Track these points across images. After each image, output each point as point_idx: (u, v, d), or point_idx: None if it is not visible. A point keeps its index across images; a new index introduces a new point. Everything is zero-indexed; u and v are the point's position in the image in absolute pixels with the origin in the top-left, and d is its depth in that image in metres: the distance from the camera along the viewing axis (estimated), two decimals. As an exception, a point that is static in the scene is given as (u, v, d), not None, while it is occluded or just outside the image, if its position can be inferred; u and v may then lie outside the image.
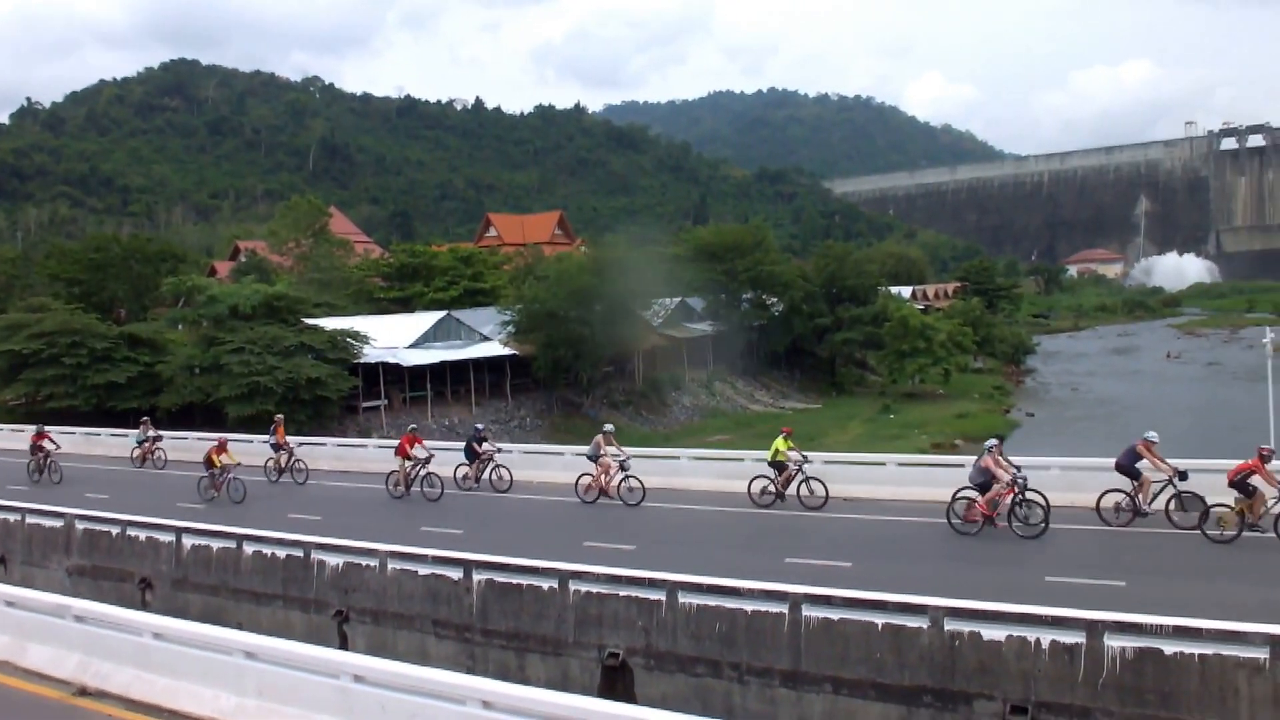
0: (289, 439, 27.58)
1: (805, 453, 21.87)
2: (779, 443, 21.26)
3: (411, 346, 48.06)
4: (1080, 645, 11.74)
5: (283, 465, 26.78)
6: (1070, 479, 20.40)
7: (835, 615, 13.09)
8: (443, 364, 48.10)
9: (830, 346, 66.35)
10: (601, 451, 22.59)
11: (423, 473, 23.82)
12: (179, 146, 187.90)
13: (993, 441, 18.84)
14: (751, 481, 21.68)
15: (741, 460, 24.78)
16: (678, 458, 25.60)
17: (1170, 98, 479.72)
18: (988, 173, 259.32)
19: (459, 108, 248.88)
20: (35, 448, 28.46)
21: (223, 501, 23.98)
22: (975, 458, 18.96)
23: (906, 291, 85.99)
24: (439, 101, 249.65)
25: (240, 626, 15.84)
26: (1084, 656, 11.71)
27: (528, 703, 9.09)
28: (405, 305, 60.87)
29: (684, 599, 14.09)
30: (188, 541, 19.72)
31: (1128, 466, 18.05)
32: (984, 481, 18.17)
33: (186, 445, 31.51)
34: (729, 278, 64.51)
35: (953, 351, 63.21)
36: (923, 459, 25.17)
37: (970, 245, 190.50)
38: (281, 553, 18.39)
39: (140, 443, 30.89)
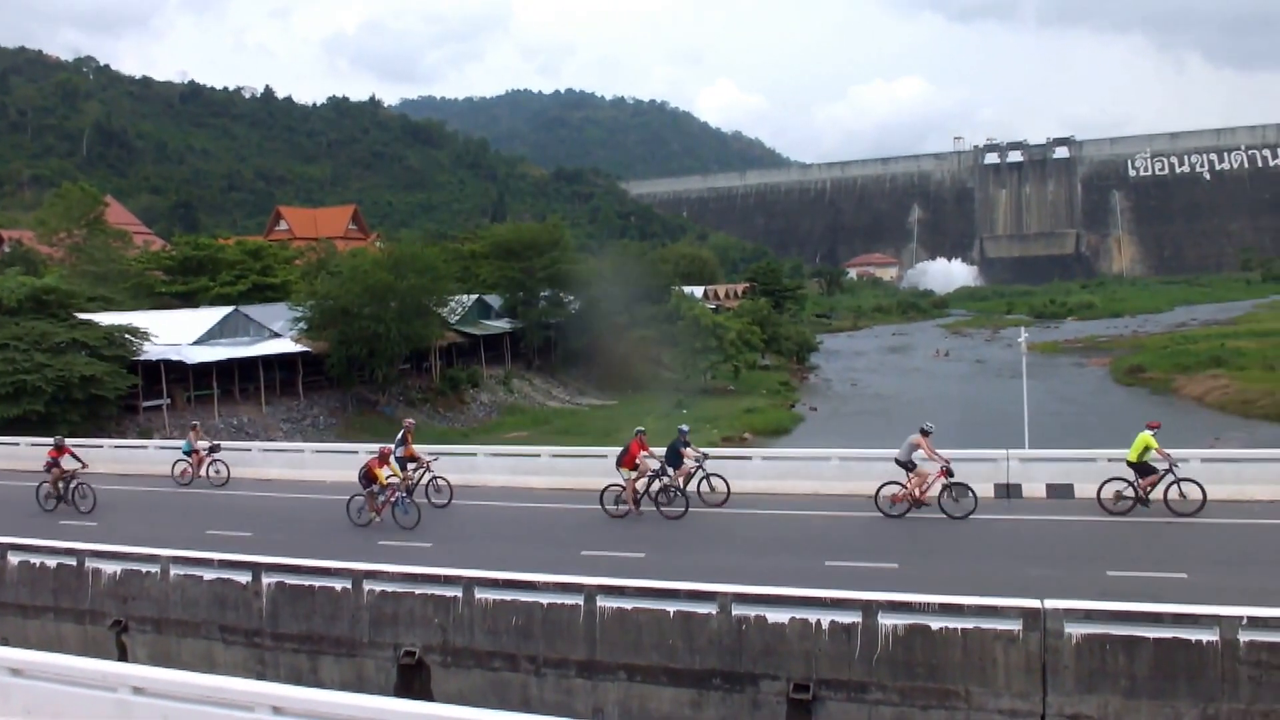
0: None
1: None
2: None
3: (196, 343, 45.54)
4: (857, 624, 12.53)
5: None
6: (847, 469, 21.87)
7: (629, 605, 13.46)
8: (230, 361, 45.83)
9: (626, 344, 67.65)
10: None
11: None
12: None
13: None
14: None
15: (538, 456, 25.08)
16: (475, 454, 25.58)
17: (941, 113, 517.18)
18: (775, 179, 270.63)
19: (247, 96, 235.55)
20: (53, 466, 22.89)
21: (386, 527, 19.77)
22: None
23: (699, 291, 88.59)
24: (226, 89, 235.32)
25: (5, 642, 14.65)
26: (860, 635, 12.50)
27: (320, 705, 8.93)
28: (189, 300, 57.60)
29: (481, 595, 14.17)
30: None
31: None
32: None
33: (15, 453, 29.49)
34: (527, 275, 64.59)
35: (742, 349, 65.84)
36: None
37: (759, 247, 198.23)
38: (52, 561, 17.12)
39: (188, 453, 25.81)
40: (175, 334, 45.48)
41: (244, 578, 15.58)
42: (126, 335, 42.39)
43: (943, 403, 58.46)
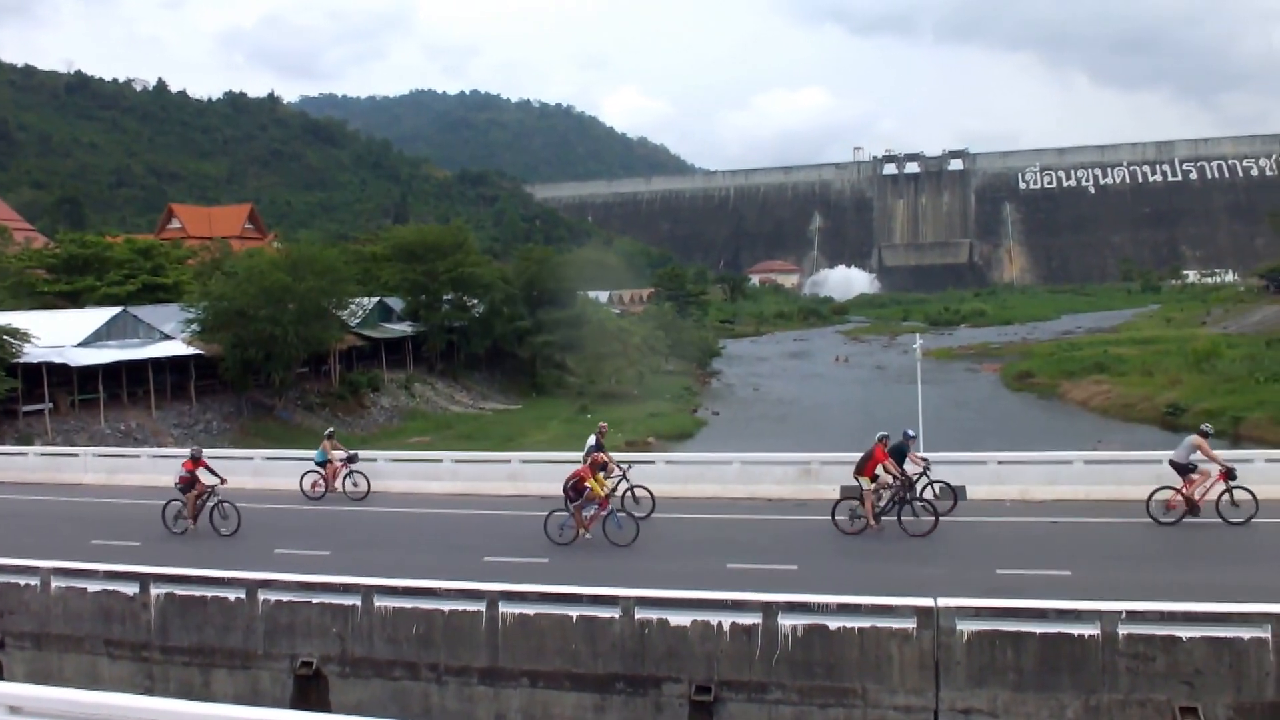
0: None
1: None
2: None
3: (81, 345, 43.50)
4: (758, 626, 12.73)
5: None
6: (749, 472, 22.17)
7: (531, 610, 13.43)
8: (118, 364, 43.92)
9: (530, 348, 67.28)
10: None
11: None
12: None
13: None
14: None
15: (440, 461, 24.78)
16: (375, 460, 25.11)
17: (842, 124, 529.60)
18: (680, 185, 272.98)
19: (138, 88, 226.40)
20: (190, 482, 19.91)
21: (596, 544, 17.84)
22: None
23: (604, 296, 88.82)
24: (115, 80, 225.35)
25: None
26: (761, 636, 12.70)
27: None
28: (74, 300, 55.01)
29: (380, 602, 13.92)
30: None
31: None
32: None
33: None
34: (430, 278, 63.71)
35: (646, 354, 66.23)
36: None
37: (663, 253, 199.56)
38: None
39: (321, 464, 23.14)
40: (59, 335, 43.38)
41: (131, 589, 14.98)
42: (5, 336, 40.33)
43: (843, 408, 59.80)
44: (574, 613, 13.30)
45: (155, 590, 14.85)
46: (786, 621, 12.69)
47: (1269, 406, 45.95)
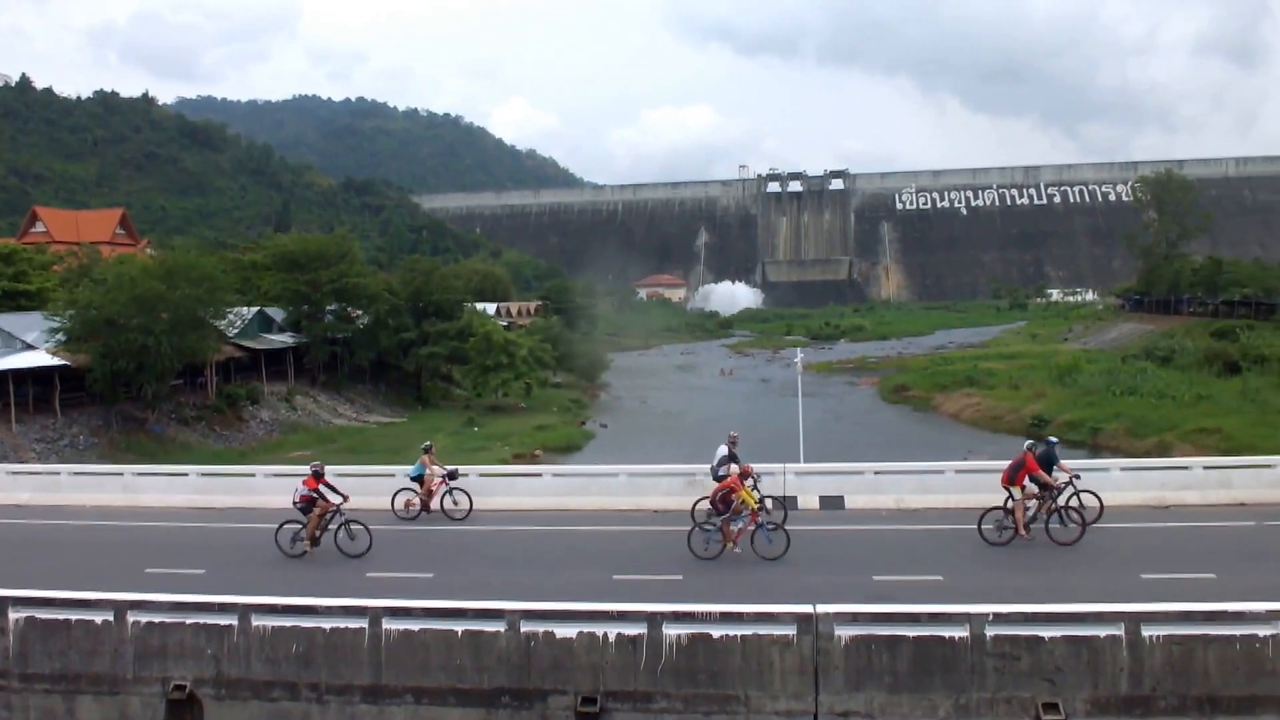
0: None
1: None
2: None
3: (-70, 354, 40.94)
4: (643, 636, 12.88)
5: None
6: (635, 484, 22.38)
7: (416, 626, 13.27)
8: (-29, 375, 41.47)
9: (416, 360, 66.20)
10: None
11: None
12: None
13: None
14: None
15: (539, 476, 24.40)
16: (253, 475, 24.37)
17: (728, 141, 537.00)
18: (569, 198, 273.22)
19: (0, 84, 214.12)
20: (313, 500, 18.54)
21: (742, 560, 17.24)
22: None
23: (491, 308, 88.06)
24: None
25: None
26: (646, 646, 12.86)
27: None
28: (-75, 307, 51.79)
29: (258, 621, 13.54)
30: None
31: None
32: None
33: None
34: (312, 288, 62.09)
35: (534, 366, 65.92)
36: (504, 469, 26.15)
37: (552, 266, 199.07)
38: None
39: (417, 479, 21.62)
40: (-96, 345, 40.72)
41: (-15, 614, 14.16)
42: None
43: (728, 420, 60.55)
44: (459, 627, 13.21)
45: (14, 614, 14.07)
46: (671, 631, 12.88)
47: (1124, 418, 48.71)
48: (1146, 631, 12.47)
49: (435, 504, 21.35)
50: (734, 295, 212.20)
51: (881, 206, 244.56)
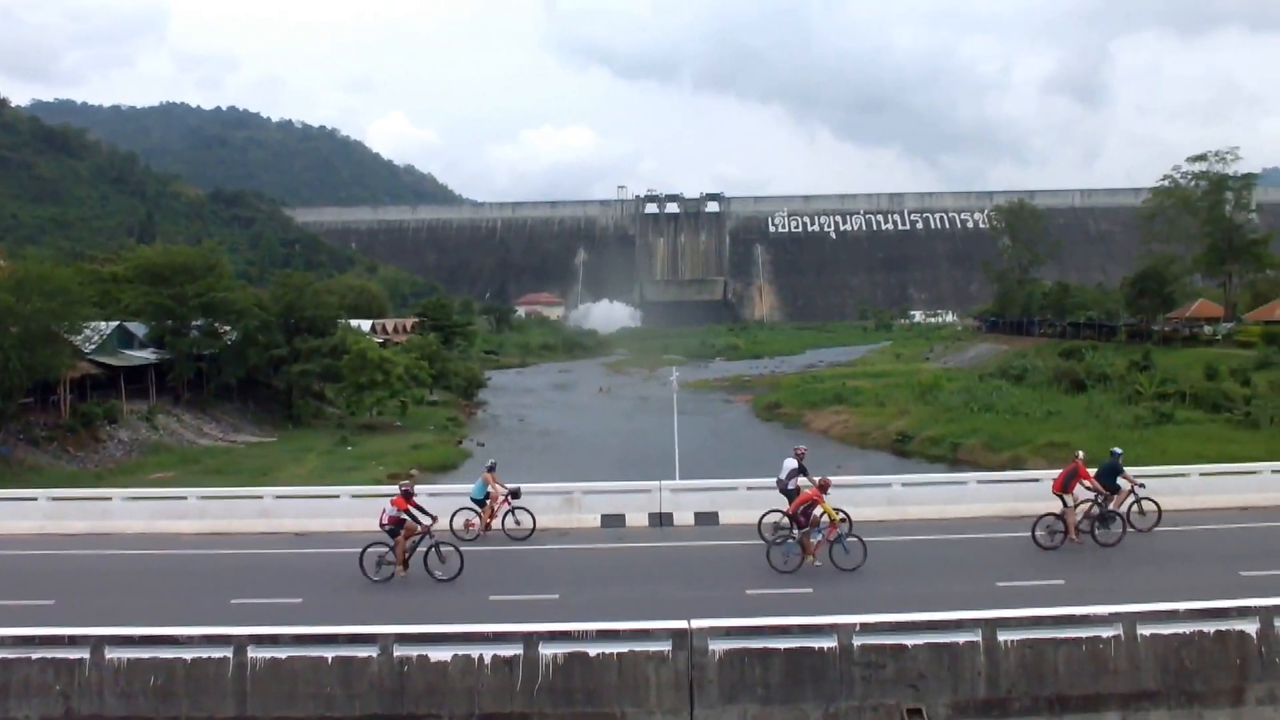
0: None
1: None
2: None
3: None
4: (519, 656, 12.81)
5: None
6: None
7: (283, 654, 12.86)
8: None
9: (287, 378, 64.14)
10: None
11: None
12: None
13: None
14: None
15: (185, 499, 23.21)
16: (110, 499, 23.16)
17: (607, 162, 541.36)
18: (447, 215, 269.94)
19: None
20: (400, 522, 17.48)
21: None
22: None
23: (366, 325, 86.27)
24: None
25: None
26: (522, 666, 12.79)
27: None
28: None
29: (112, 654, 12.87)
30: None
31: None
32: None
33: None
34: (177, 303, 59.50)
35: (410, 384, 64.75)
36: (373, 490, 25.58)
37: (429, 283, 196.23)
38: None
39: (479, 500, 20.62)
40: None
41: None
42: None
43: (606, 438, 60.91)
44: (329, 654, 12.88)
45: None
46: (547, 651, 12.86)
47: (982, 433, 51.07)
48: (1002, 636, 13.11)
49: (496, 524, 20.85)
50: (612, 314, 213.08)
51: (755, 229, 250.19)
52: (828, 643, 12.95)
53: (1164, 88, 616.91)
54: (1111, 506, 19.42)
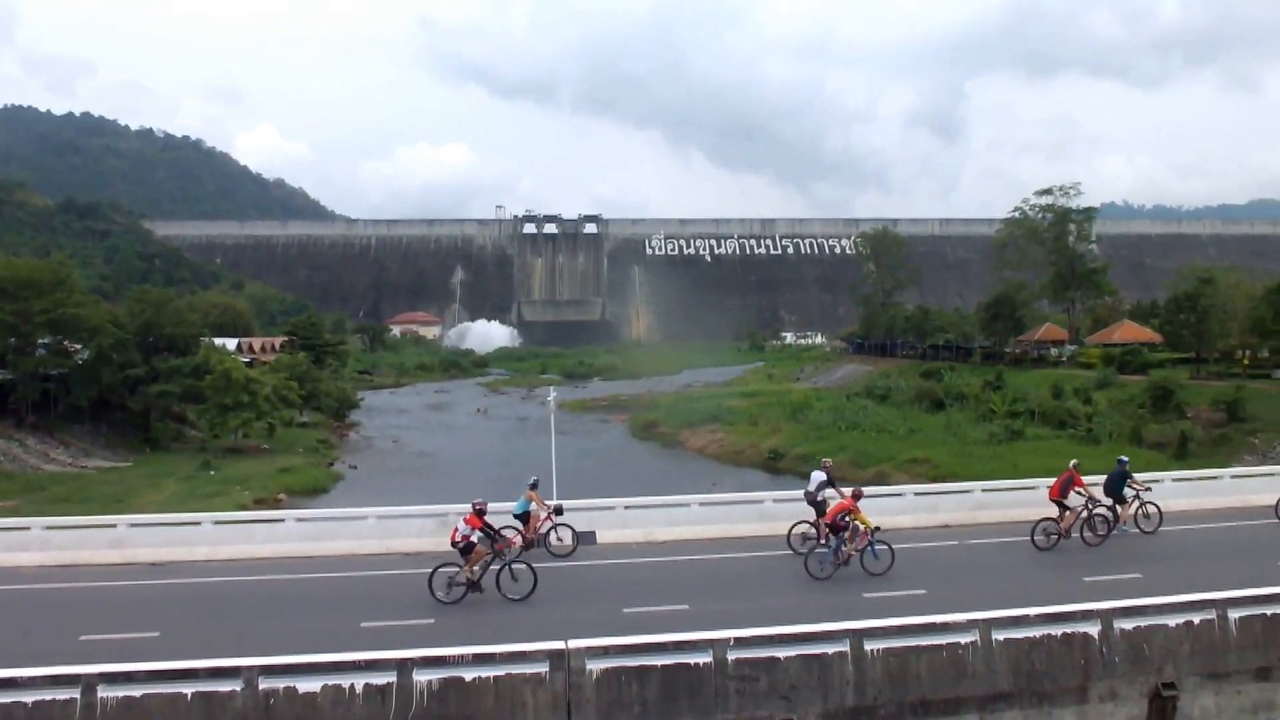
0: None
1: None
2: None
3: None
4: (392, 684, 12.53)
5: None
6: (386, 527, 21.77)
7: (138, 692, 12.22)
8: None
9: (145, 399, 61.10)
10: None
11: None
12: None
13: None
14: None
15: (28, 530, 21.84)
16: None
17: (484, 181, 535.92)
18: (319, 231, 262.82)
19: None
20: (473, 542, 17.23)
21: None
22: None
23: (232, 343, 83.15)
24: None
25: None
26: (395, 695, 12.52)
27: None
28: None
29: (-58, 699, 12.03)
30: None
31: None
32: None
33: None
34: (21, 319, 56.02)
35: (278, 405, 62.63)
36: (241, 516, 24.64)
37: (300, 300, 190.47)
38: None
39: (521, 517, 20.47)
40: None
41: None
42: None
43: (483, 459, 60.28)
44: (189, 689, 12.32)
45: None
46: (421, 677, 12.64)
47: (849, 450, 52.77)
48: (868, 645, 13.59)
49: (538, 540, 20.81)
50: (490, 334, 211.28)
51: (633, 251, 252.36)
52: (703, 658, 13.14)
53: (1015, 125, 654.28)
54: (1120, 514, 21.67)
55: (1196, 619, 14.80)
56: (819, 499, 20.33)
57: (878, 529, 18.54)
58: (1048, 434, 53.33)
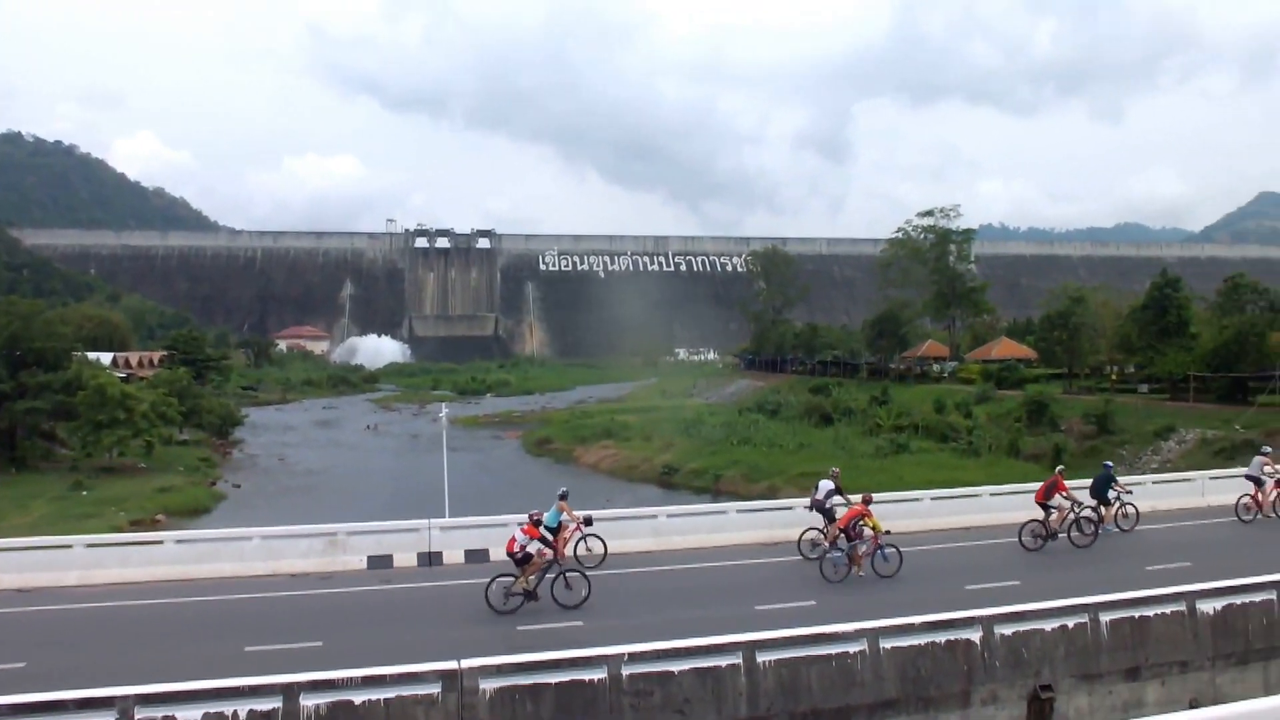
0: None
1: None
2: None
3: None
4: (278, 710, 12.11)
5: None
6: (271, 547, 21.15)
7: (2, 725, 11.64)
8: None
9: (11, 416, 57.76)
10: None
11: None
12: None
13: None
14: None
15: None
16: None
17: (375, 194, 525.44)
18: (201, 242, 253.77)
19: None
20: (530, 552, 17.45)
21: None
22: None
23: (107, 358, 79.60)
24: None
25: None
26: (281, 720, 12.25)
27: None
28: None
29: None
30: None
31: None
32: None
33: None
34: None
35: (156, 423, 60.11)
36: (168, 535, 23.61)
37: (181, 313, 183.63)
38: None
39: (551, 528, 19.50)
40: None
41: None
42: None
43: (374, 476, 59.08)
44: (58, 721, 11.71)
45: None
46: (309, 702, 12.29)
47: (741, 465, 53.60)
48: (761, 657, 13.84)
49: (569, 551, 20.43)
50: (380, 349, 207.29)
51: (526, 266, 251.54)
52: (598, 674, 13.17)
53: (898, 149, 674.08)
54: (1103, 515, 22.99)
55: (1071, 623, 15.52)
56: (827, 506, 21.24)
57: (888, 533, 19.48)
58: (931, 447, 55.16)
